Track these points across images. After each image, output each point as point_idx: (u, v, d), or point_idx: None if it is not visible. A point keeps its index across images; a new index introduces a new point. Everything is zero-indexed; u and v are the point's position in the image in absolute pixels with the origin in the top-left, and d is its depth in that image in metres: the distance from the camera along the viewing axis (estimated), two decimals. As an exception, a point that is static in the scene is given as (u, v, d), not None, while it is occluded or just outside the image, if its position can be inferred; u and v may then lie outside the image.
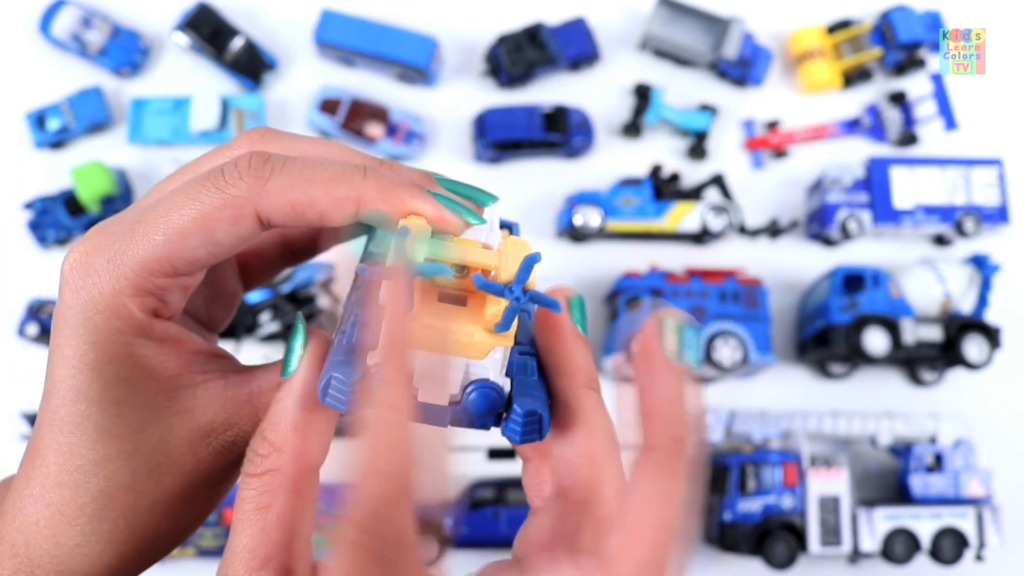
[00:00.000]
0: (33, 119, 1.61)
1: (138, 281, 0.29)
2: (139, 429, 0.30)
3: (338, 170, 0.30)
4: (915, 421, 1.49)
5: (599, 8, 1.71)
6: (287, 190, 0.29)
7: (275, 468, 0.29)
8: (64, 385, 0.29)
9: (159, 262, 0.29)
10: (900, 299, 1.49)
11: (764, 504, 1.41)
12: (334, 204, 0.29)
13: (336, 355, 0.29)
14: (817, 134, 1.68)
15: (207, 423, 0.31)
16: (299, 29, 1.67)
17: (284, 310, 1.52)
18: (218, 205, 0.29)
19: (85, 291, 0.29)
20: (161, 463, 0.30)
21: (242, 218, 0.29)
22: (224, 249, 0.30)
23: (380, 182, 0.30)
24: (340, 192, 0.29)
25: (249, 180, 0.29)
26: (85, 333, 0.29)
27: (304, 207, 0.29)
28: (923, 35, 1.64)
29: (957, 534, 1.41)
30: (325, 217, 0.30)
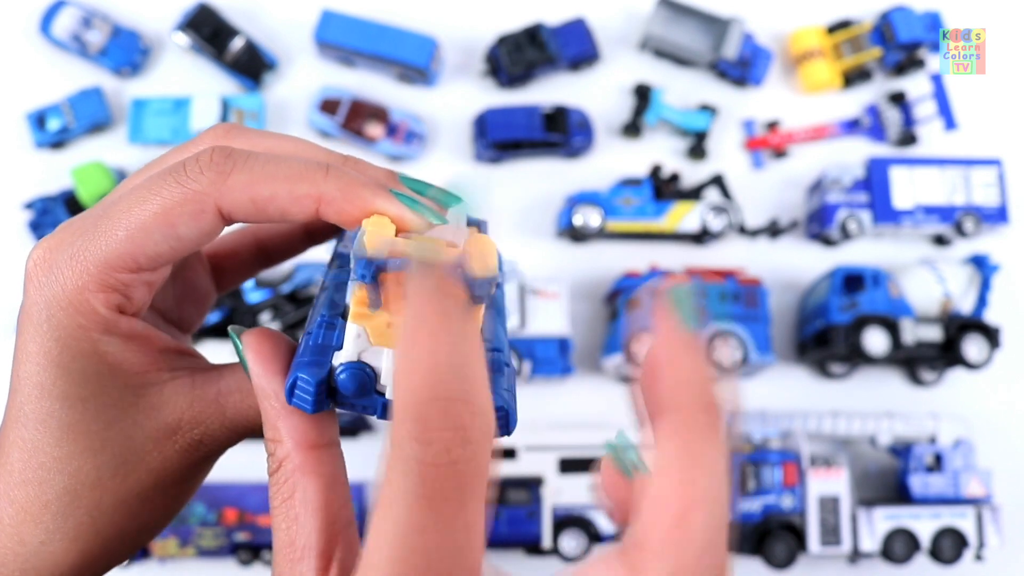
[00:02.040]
0: (33, 119, 1.61)
1: (101, 277, 0.29)
2: (105, 426, 0.30)
3: (300, 167, 0.30)
4: (915, 421, 1.49)
5: (599, 8, 1.71)
6: (248, 186, 0.29)
7: (283, 458, 0.29)
8: (29, 382, 0.29)
9: (121, 257, 0.29)
10: (900, 299, 1.50)
11: (764, 504, 1.41)
12: (295, 201, 0.29)
13: (303, 356, 0.28)
14: (817, 134, 1.68)
15: (174, 421, 0.31)
16: (299, 29, 1.67)
17: (284, 310, 1.52)
18: (179, 200, 0.29)
19: (48, 287, 0.29)
20: (127, 460, 0.30)
21: (203, 212, 0.29)
22: (186, 244, 0.30)
23: (342, 180, 0.30)
24: (301, 189, 0.29)
25: (210, 175, 0.29)
26: (49, 330, 0.29)
27: (265, 203, 0.29)
28: (923, 35, 1.64)
29: (957, 534, 1.41)
30: (286, 214, 0.30)
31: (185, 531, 1.44)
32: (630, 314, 1.48)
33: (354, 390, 0.28)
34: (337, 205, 0.30)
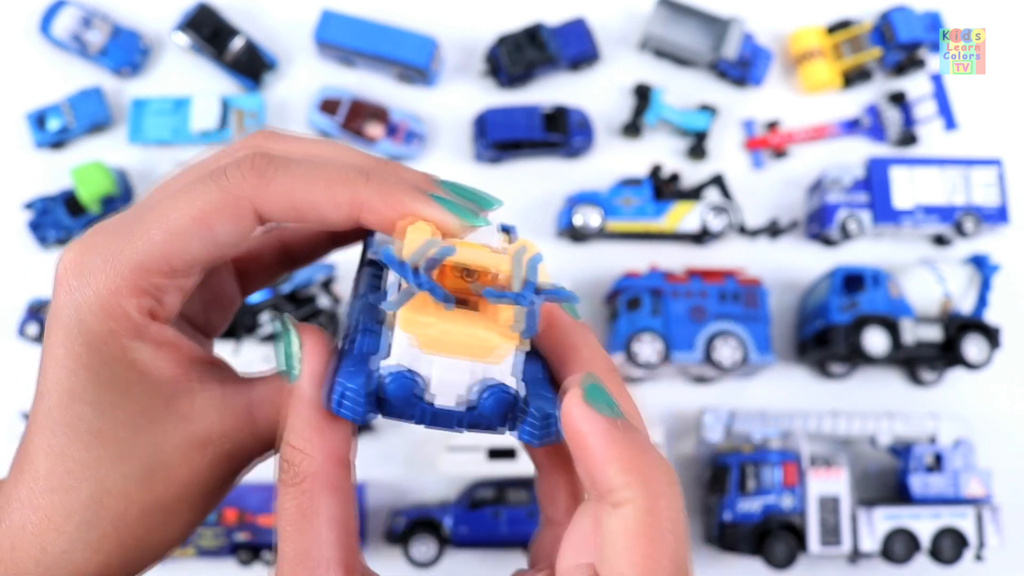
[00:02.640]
0: (33, 119, 1.61)
1: (135, 280, 0.29)
2: (134, 433, 0.29)
3: (340, 172, 0.30)
4: (915, 421, 1.49)
5: (599, 8, 1.71)
6: (289, 190, 0.29)
7: (310, 473, 0.28)
8: (58, 387, 0.29)
9: (157, 260, 0.29)
10: (900, 299, 1.50)
11: (764, 504, 1.41)
12: (335, 206, 0.29)
13: (348, 364, 0.28)
14: (817, 134, 1.68)
15: (204, 432, 0.30)
16: (299, 29, 1.67)
17: (284, 310, 1.52)
18: (219, 204, 0.29)
19: (79, 291, 0.29)
20: (155, 470, 0.29)
21: (243, 217, 0.29)
22: (223, 249, 0.29)
23: (382, 186, 0.30)
24: (342, 195, 0.29)
25: (252, 179, 0.29)
26: (79, 334, 0.28)
27: (305, 208, 0.29)
28: (923, 35, 1.64)
29: (957, 534, 1.41)
30: (326, 218, 0.30)
31: (185, 531, 1.44)
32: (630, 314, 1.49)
33: (403, 399, 0.28)
34: (378, 211, 0.29)
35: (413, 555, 1.43)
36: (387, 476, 1.52)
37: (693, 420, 1.53)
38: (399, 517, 1.46)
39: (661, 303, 1.50)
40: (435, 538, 1.44)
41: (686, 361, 1.47)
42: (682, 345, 1.47)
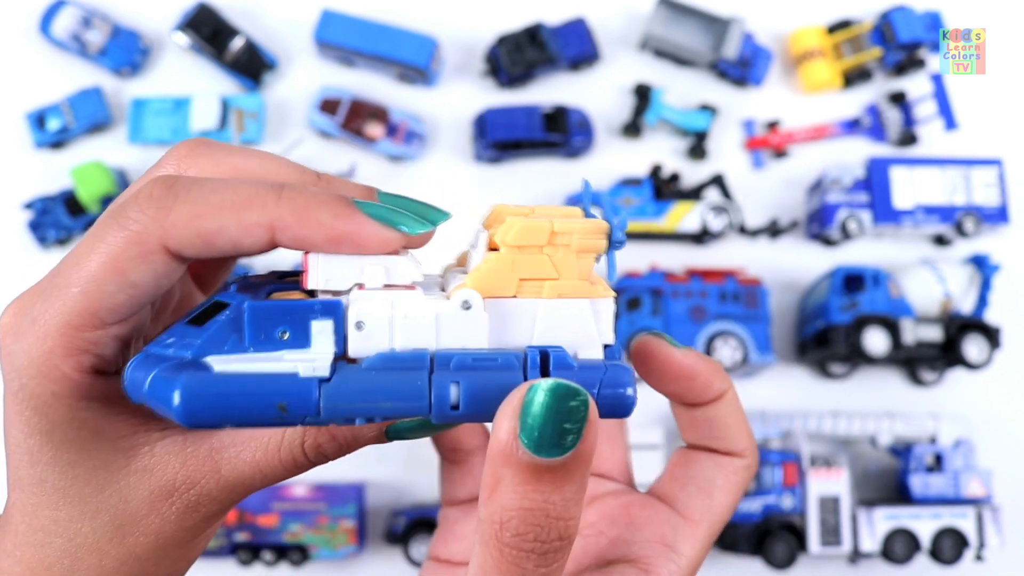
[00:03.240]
0: (33, 119, 1.61)
1: (65, 341, 0.27)
2: (98, 489, 0.29)
3: (249, 192, 0.27)
4: (915, 421, 1.49)
5: (599, 8, 1.71)
6: (192, 219, 0.26)
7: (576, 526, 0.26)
8: (18, 448, 0.28)
9: (81, 315, 0.27)
10: (900, 299, 1.50)
11: (764, 504, 1.41)
12: (245, 231, 0.27)
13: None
14: (817, 134, 1.68)
15: (168, 483, 0.29)
16: (299, 29, 1.67)
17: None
18: (124, 246, 0.27)
19: (17, 356, 0.27)
20: (124, 524, 0.29)
21: (150, 254, 0.27)
22: (145, 291, 0.28)
23: (296, 202, 0.27)
24: (250, 217, 0.26)
25: (150, 212, 0.26)
26: (24, 399, 0.28)
27: (213, 236, 0.27)
28: (923, 35, 1.64)
29: (957, 534, 1.41)
30: (238, 246, 0.27)
31: (185, 531, 1.44)
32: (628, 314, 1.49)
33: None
34: (292, 231, 0.27)
35: (413, 555, 1.43)
36: (387, 476, 1.52)
37: (693, 420, 1.53)
38: (399, 517, 1.46)
39: (661, 303, 1.50)
40: (435, 538, 1.44)
41: (686, 361, 1.47)
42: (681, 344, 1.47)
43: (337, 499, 1.46)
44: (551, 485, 0.24)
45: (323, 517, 1.45)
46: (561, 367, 0.25)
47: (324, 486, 1.47)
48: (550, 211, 0.27)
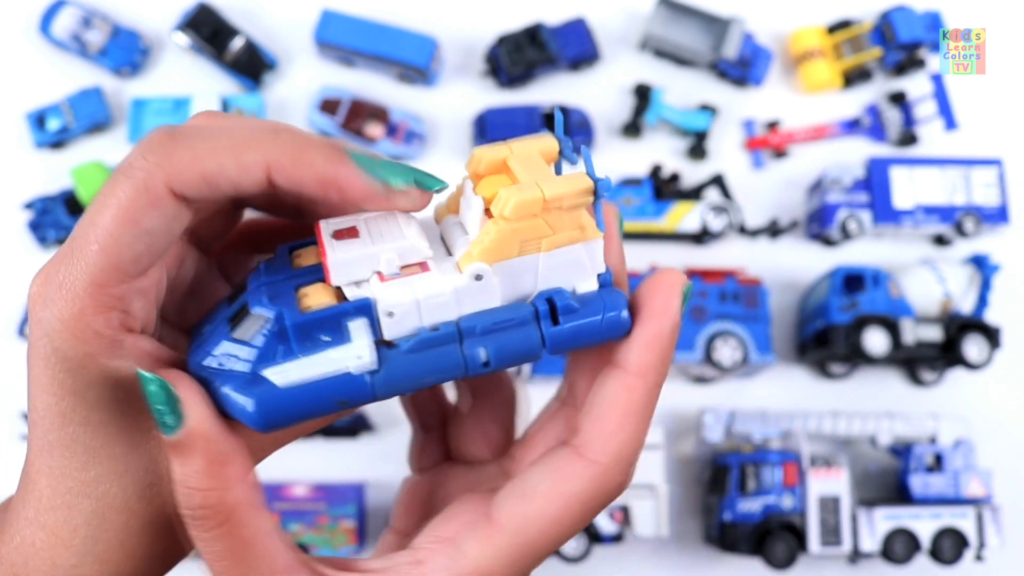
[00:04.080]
0: (33, 119, 1.61)
1: (94, 299, 0.28)
2: (129, 448, 0.29)
3: (247, 135, 0.28)
4: (915, 421, 1.49)
5: (599, 8, 1.71)
6: (194, 161, 0.28)
7: (229, 503, 0.29)
8: (49, 412, 0.29)
9: (105, 272, 0.28)
10: (900, 299, 1.50)
11: (764, 504, 1.41)
12: (243, 170, 0.28)
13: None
14: (817, 134, 1.68)
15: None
16: (299, 29, 1.67)
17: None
18: (133, 195, 0.28)
19: (47, 322, 0.28)
20: (152, 483, 0.30)
21: (159, 199, 0.28)
22: (160, 237, 0.29)
23: (292, 144, 0.28)
24: (249, 157, 0.28)
25: (153, 158, 0.28)
26: (58, 362, 0.29)
27: (214, 177, 0.28)
28: (923, 35, 1.64)
29: (957, 534, 1.41)
30: (238, 185, 0.28)
31: (185, 531, 1.44)
32: None
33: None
34: (287, 171, 0.28)
35: (413, 555, 1.43)
36: (387, 476, 1.52)
37: (693, 420, 1.53)
38: (399, 517, 1.45)
39: (661, 303, 1.50)
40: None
41: (686, 361, 1.47)
42: (682, 345, 1.47)
43: (337, 499, 1.46)
44: (175, 458, 0.27)
45: (323, 517, 1.45)
46: (566, 312, 0.29)
47: (324, 486, 1.47)
48: (527, 150, 0.30)
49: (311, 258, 0.30)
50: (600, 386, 0.32)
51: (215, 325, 0.30)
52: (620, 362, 0.31)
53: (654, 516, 1.41)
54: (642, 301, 0.31)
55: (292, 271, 0.30)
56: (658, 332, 0.31)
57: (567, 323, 0.29)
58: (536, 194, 0.28)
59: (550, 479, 0.30)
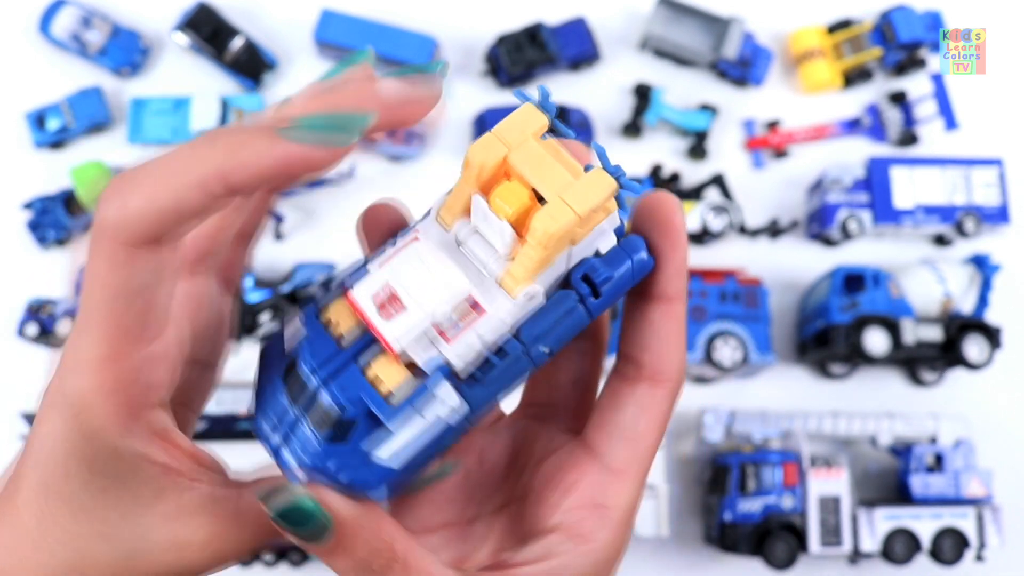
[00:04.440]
0: (33, 119, 1.61)
1: (112, 374, 0.28)
2: (122, 517, 0.29)
3: (186, 154, 0.27)
4: (915, 421, 1.49)
5: (599, 8, 1.71)
6: (146, 202, 0.27)
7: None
8: (55, 461, 0.29)
9: (112, 344, 0.28)
10: (900, 299, 1.49)
11: (764, 504, 1.41)
12: (195, 191, 0.26)
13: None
14: (817, 134, 1.68)
15: (189, 533, 0.30)
16: (299, 29, 1.67)
17: (284, 310, 1.52)
18: (105, 261, 0.27)
19: (71, 389, 0.28)
20: (137, 555, 0.29)
21: (128, 258, 0.27)
22: (154, 291, 0.28)
23: (227, 146, 0.26)
24: (193, 176, 0.26)
25: (108, 216, 0.27)
26: (75, 426, 0.28)
27: (168, 211, 0.27)
28: (923, 35, 1.64)
29: (957, 534, 1.41)
30: (197, 207, 0.27)
31: (185, 531, 1.44)
32: None
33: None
34: (236, 174, 0.26)
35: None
36: (387, 476, 1.52)
37: (693, 420, 1.53)
38: (399, 517, 1.45)
39: (661, 303, 1.49)
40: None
41: (686, 361, 1.47)
42: (682, 345, 1.47)
43: None
44: (342, 555, 0.28)
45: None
46: (604, 283, 0.30)
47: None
48: (522, 139, 0.29)
49: (346, 318, 0.29)
50: (649, 319, 0.34)
51: (295, 422, 0.30)
52: (660, 294, 0.33)
53: (654, 516, 1.41)
54: (653, 231, 0.32)
55: (339, 347, 0.29)
56: (681, 260, 0.33)
57: (605, 289, 0.31)
58: (570, 217, 0.28)
59: (644, 415, 0.33)
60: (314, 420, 0.29)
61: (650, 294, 0.33)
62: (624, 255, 0.31)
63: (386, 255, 0.29)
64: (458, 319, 0.29)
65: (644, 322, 0.34)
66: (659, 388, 0.33)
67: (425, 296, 0.28)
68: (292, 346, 0.30)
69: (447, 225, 0.30)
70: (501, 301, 0.29)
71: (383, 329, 0.28)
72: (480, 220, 0.30)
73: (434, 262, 0.29)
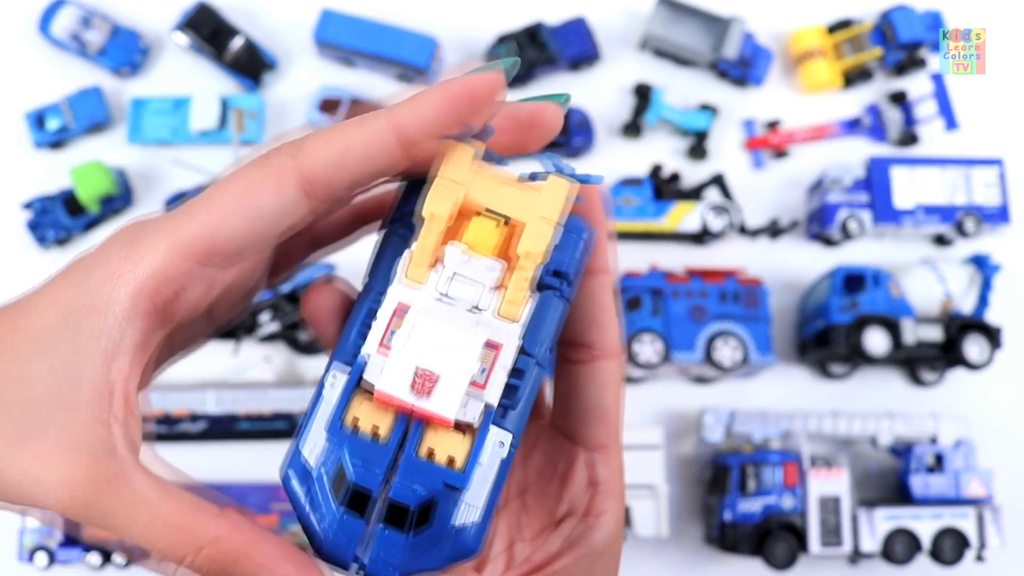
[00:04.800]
0: (33, 119, 1.61)
1: (168, 259, 0.28)
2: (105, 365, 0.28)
3: (369, 112, 0.29)
4: (915, 421, 1.48)
5: (599, 8, 1.71)
6: (324, 140, 0.29)
7: None
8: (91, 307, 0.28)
9: (193, 235, 0.28)
10: (900, 299, 1.49)
11: (764, 504, 1.41)
12: (369, 140, 0.28)
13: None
14: (817, 134, 1.68)
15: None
16: (299, 29, 1.67)
17: (284, 310, 1.52)
18: (259, 176, 0.28)
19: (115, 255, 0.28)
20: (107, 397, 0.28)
21: (284, 181, 0.28)
22: (267, 224, 0.28)
23: (408, 101, 0.29)
24: (372, 124, 0.28)
25: (289, 151, 0.29)
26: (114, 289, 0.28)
27: (341, 155, 0.28)
28: (923, 35, 1.64)
29: (958, 534, 1.41)
30: (367, 159, 0.29)
31: (185, 531, 1.44)
32: None
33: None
34: (409, 121, 0.28)
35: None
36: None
37: (693, 420, 1.53)
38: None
39: (661, 303, 1.50)
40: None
41: (686, 361, 1.47)
42: (682, 345, 1.47)
43: None
44: None
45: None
46: (569, 273, 0.32)
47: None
48: (469, 174, 0.31)
49: (375, 414, 0.30)
50: (589, 292, 0.35)
51: (371, 535, 0.30)
52: (593, 268, 0.34)
53: (654, 516, 1.41)
54: (579, 211, 0.34)
55: (384, 448, 0.29)
56: (604, 233, 0.34)
57: (573, 275, 0.32)
58: (551, 230, 0.30)
59: (606, 391, 0.35)
60: (391, 522, 0.29)
61: (587, 269, 0.35)
62: (574, 236, 0.32)
63: (375, 334, 0.30)
64: (484, 366, 0.30)
65: (585, 298, 0.35)
66: (611, 361, 0.35)
67: (454, 361, 0.29)
68: (320, 463, 0.30)
69: (419, 282, 0.30)
70: (509, 329, 0.30)
71: (430, 408, 0.28)
72: (459, 266, 0.30)
73: (443, 325, 0.29)
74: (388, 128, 0.28)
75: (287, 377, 1.56)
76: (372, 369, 0.29)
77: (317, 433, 0.30)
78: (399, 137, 0.28)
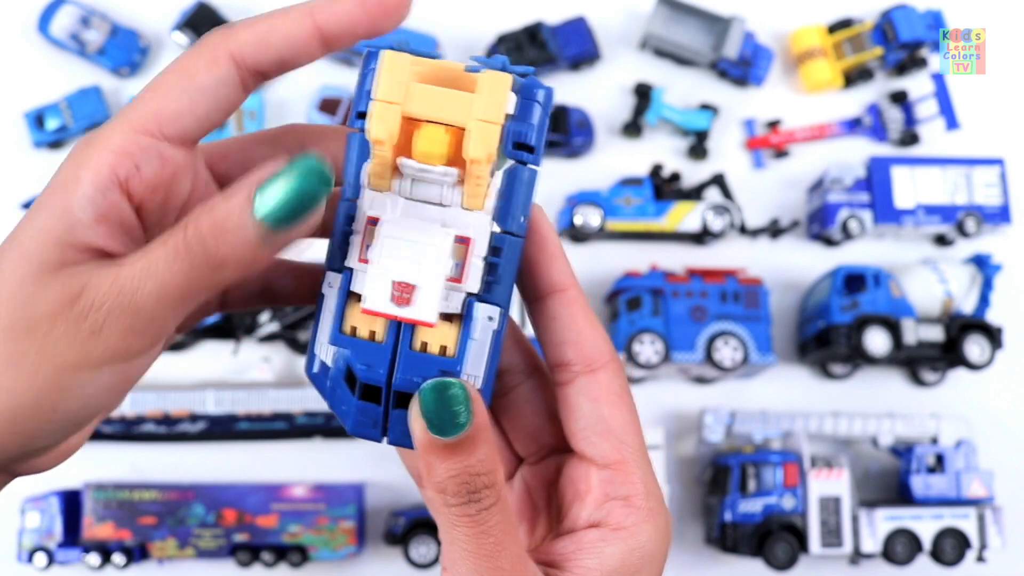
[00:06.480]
0: (32, 118, 1.61)
1: (120, 145, 0.31)
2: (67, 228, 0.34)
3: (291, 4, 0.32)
4: (916, 421, 1.48)
5: (599, 8, 1.71)
6: (250, 25, 0.31)
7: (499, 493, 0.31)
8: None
9: (142, 116, 0.31)
10: (901, 299, 1.49)
11: (765, 505, 1.41)
12: (293, 22, 0.31)
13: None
14: (818, 134, 1.67)
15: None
16: (299, 28, 1.67)
17: (283, 311, 1.52)
18: (192, 54, 0.31)
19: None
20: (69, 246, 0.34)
21: (217, 59, 0.31)
22: (209, 100, 0.31)
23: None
24: (297, 11, 0.31)
25: (218, 33, 0.32)
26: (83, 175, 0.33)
27: (267, 34, 0.31)
28: (924, 34, 1.63)
29: (959, 535, 1.41)
30: (290, 40, 0.31)
31: (184, 532, 1.44)
32: None
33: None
34: (328, 9, 0.31)
35: (413, 556, 1.43)
36: (387, 477, 1.52)
37: (693, 420, 1.53)
38: (399, 517, 1.45)
39: (661, 303, 1.49)
40: (435, 538, 1.44)
41: (686, 361, 1.47)
42: (682, 345, 1.47)
43: (337, 500, 1.46)
44: (465, 452, 0.30)
45: (323, 518, 1.45)
46: (536, 140, 0.32)
47: (324, 486, 1.46)
48: (408, 83, 0.31)
49: (370, 322, 0.32)
50: (552, 315, 0.35)
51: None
52: (551, 287, 0.35)
53: (654, 517, 1.40)
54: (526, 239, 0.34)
55: (383, 347, 0.32)
56: (555, 249, 0.35)
57: (536, 142, 0.32)
58: (496, 131, 0.30)
59: (600, 404, 0.35)
60: (401, 405, 0.32)
61: (544, 292, 0.35)
62: (529, 101, 0.32)
63: (354, 247, 0.32)
64: (459, 260, 0.32)
65: (549, 320, 0.35)
66: (597, 373, 0.35)
67: (425, 266, 0.31)
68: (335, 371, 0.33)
69: (384, 188, 0.32)
70: (477, 220, 0.32)
71: (411, 315, 0.31)
72: (416, 174, 0.32)
73: (410, 232, 0.31)
74: (307, 14, 0.31)
75: (286, 377, 1.56)
76: (357, 281, 0.32)
77: (325, 335, 0.33)
78: (315, 24, 0.31)
